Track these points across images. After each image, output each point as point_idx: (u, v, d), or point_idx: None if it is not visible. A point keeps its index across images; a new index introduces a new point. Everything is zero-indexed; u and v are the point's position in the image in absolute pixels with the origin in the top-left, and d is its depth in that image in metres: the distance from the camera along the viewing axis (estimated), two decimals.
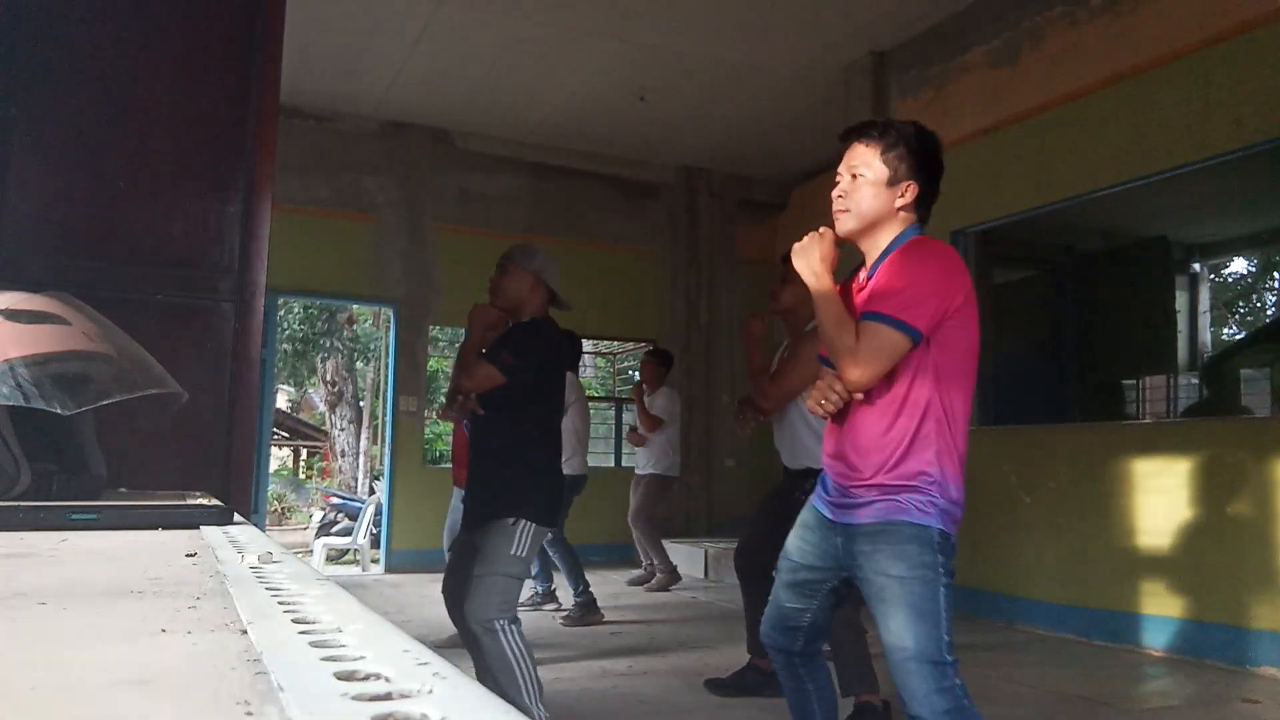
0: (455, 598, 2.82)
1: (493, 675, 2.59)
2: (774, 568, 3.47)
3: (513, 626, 2.64)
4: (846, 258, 2.04)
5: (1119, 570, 4.71)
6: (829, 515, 2.01)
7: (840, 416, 1.97)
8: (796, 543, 2.10)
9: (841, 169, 2.03)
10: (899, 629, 1.83)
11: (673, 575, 6.56)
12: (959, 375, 1.91)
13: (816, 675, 2.18)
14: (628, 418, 7.66)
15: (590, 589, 5.24)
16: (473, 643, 2.77)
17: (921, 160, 1.98)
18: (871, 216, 1.98)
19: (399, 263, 7.75)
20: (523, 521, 2.67)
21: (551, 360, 2.84)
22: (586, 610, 5.18)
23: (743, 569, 3.66)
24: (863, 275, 2.04)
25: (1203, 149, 4.45)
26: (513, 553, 2.65)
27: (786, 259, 3.50)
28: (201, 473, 1.94)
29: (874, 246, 2.00)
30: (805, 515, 2.11)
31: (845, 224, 2.00)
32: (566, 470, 5.20)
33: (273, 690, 0.36)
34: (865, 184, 1.97)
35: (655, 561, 6.58)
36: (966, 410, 1.94)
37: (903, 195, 1.97)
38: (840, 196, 2.01)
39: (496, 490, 2.73)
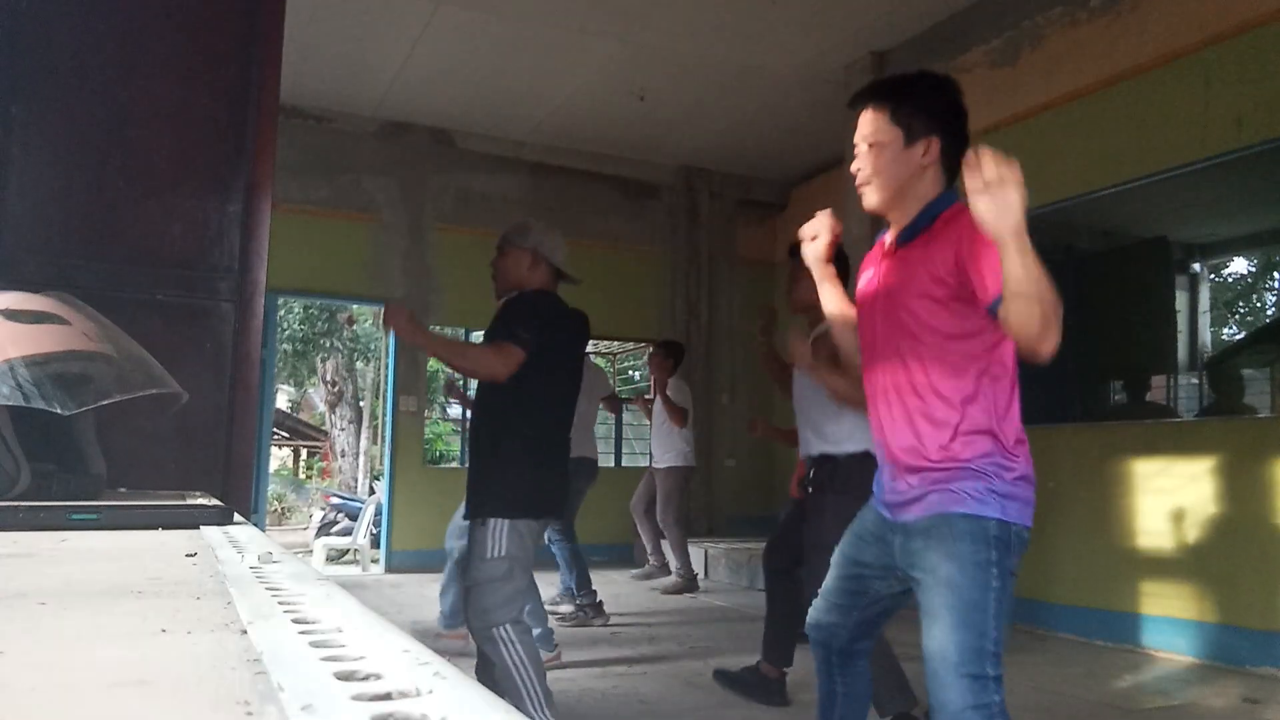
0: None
1: (495, 685, 2.51)
2: (797, 572, 3.45)
3: (514, 631, 2.52)
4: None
5: (1120, 570, 4.71)
6: (887, 515, 1.87)
7: (887, 407, 1.84)
8: (852, 536, 1.97)
9: (857, 139, 1.88)
10: (941, 634, 1.69)
11: (691, 583, 6.51)
12: (1013, 356, 1.78)
13: (850, 679, 2.03)
14: (628, 417, 7.64)
15: (594, 589, 5.19)
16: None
17: (936, 112, 1.82)
18: (895, 184, 1.82)
19: (399, 263, 7.75)
20: (491, 521, 2.54)
21: (549, 333, 2.64)
22: (591, 611, 5.13)
23: (770, 569, 3.60)
24: (889, 239, 1.89)
25: (1203, 149, 4.45)
26: (490, 556, 2.52)
27: (794, 253, 3.48)
28: (201, 473, 1.94)
29: (905, 212, 1.84)
30: (864, 513, 1.98)
31: (870, 197, 1.85)
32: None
33: (273, 690, 0.36)
34: (881, 151, 1.82)
35: (676, 564, 6.53)
36: (1016, 396, 1.80)
37: (925, 153, 1.81)
38: (859, 169, 1.86)
39: (474, 489, 2.63)
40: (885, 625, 2.09)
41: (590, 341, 3.17)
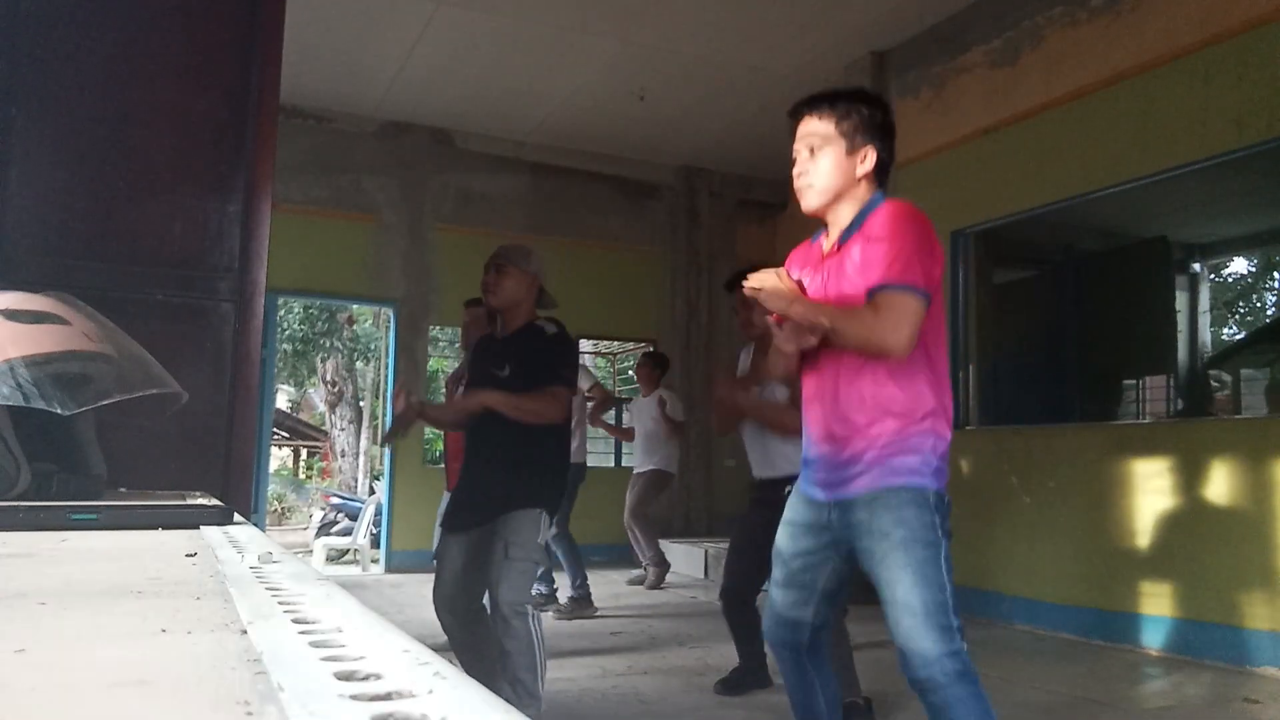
0: (456, 605, 2.85)
1: (512, 658, 2.66)
2: (751, 600, 3.51)
3: (538, 612, 2.75)
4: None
5: (1119, 570, 4.71)
6: (821, 496, 2.00)
7: (827, 391, 1.98)
8: (785, 539, 2.09)
9: (798, 144, 2.03)
10: (905, 593, 1.83)
11: (662, 565, 6.58)
12: (939, 337, 1.96)
13: (822, 669, 2.16)
14: (627, 418, 7.64)
15: (587, 583, 5.28)
16: (464, 651, 2.84)
17: (875, 125, 2.00)
18: (835, 189, 1.99)
19: (399, 263, 7.75)
20: (543, 513, 2.78)
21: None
22: (580, 605, 5.23)
23: (729, 605, 3.61)
24: (826, 243, 2.05)
25: (1203, 149, 4.45)
26: (539, 540, 2.77)
27: (731, 285, 3.62)
28: (201, 473, 1.94)
29: (839, 217, 2.01)
30: (789, 513, 2.10)
31: (810, 199, 2.01)
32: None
33: (273, 690, 0.36)
34: (824, 157, 1.99)
35: (647, 553, 6.58)
36: (947, 371, 2.00)
37: (863, 162, 1.98)
38: (801, 173, 2.02)
39: (519, 482, 2.79)
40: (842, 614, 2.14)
41: (589, 342, 3.35)
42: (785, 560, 2.08)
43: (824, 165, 1.98)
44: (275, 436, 17.68)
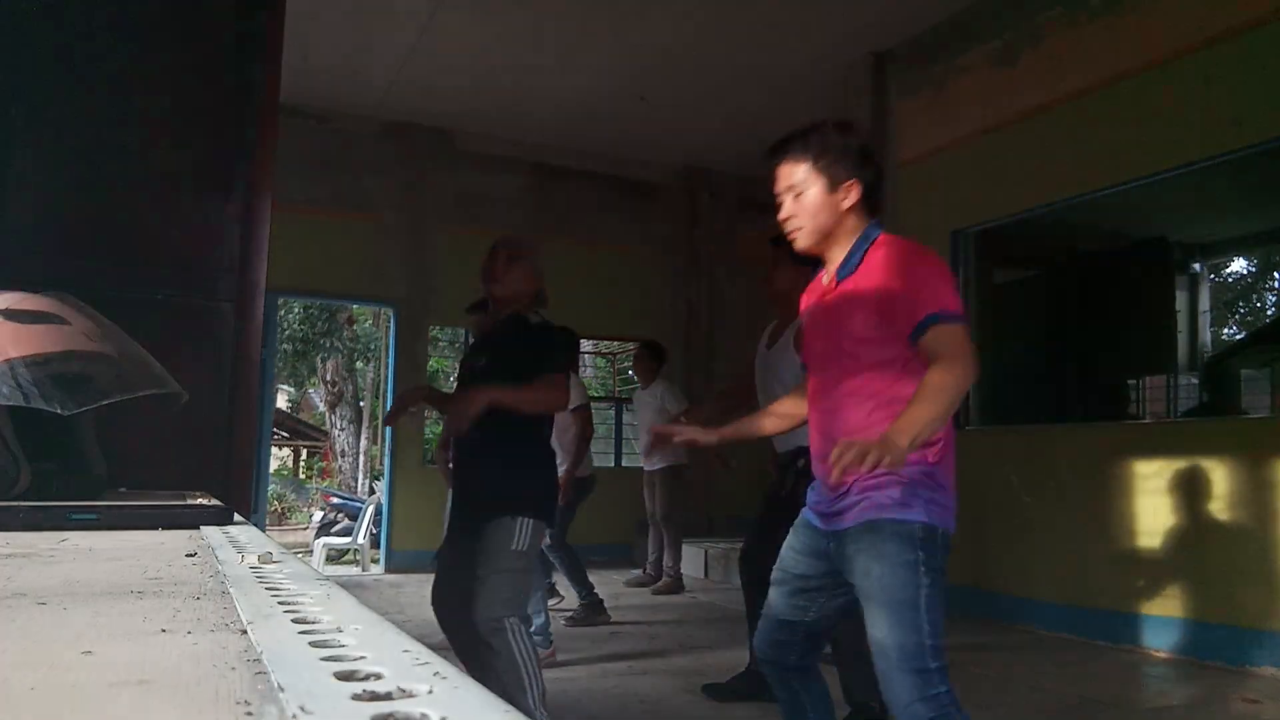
0: (449, 605, 2.77)
1: (497, 676, 2.55)
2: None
3: (521, 626, 2.61)
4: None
5: (1119, 570, 4.71)
6: (819, 525, 1.98)
7: (825, 413, 1.98)
8: (788, 551, 2.07)
9: (780, 189, 2.03)
10: (879, 634, 1.80)
11: (678, 583, 6.53)
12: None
13: (811, 689, 2.12)
14: (628, 417, 7.64)
15: (595, 590, 5.24)
16: (465, 651, 2.76)
17: (852, 157, 1.98)
18: (824, 228, 1.98)
19: (399, 263, 7.75)
20: (520, 519, 2.64)
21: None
22: (592, 611, 5.18)
23: (746, 574, 3.63)
24: (825, 279, 2.06)
25: (1203, 149, 4.45)
26: (514, 548, 2.62)
27: (776, 241, 3.59)
28: (201, 473, 1.93)
29: (837, 250, 2.01)
30: (795, 532, 2.08)
31: (802, 242, 2.02)
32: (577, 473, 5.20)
33: (273, 690, 0.36)
34: (808, 200, 1.98)
35: (668, 563, 6.55)
36: None
37: (847, 197, 1.97)
38: (788, 217, 2.02)
39: (494, 489, 2.68)
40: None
41: (589, 342, 3.23)
42: (784, 578, 2.06)
43: (808, 209, 1.98)
44: (275, 436, 17.67)
